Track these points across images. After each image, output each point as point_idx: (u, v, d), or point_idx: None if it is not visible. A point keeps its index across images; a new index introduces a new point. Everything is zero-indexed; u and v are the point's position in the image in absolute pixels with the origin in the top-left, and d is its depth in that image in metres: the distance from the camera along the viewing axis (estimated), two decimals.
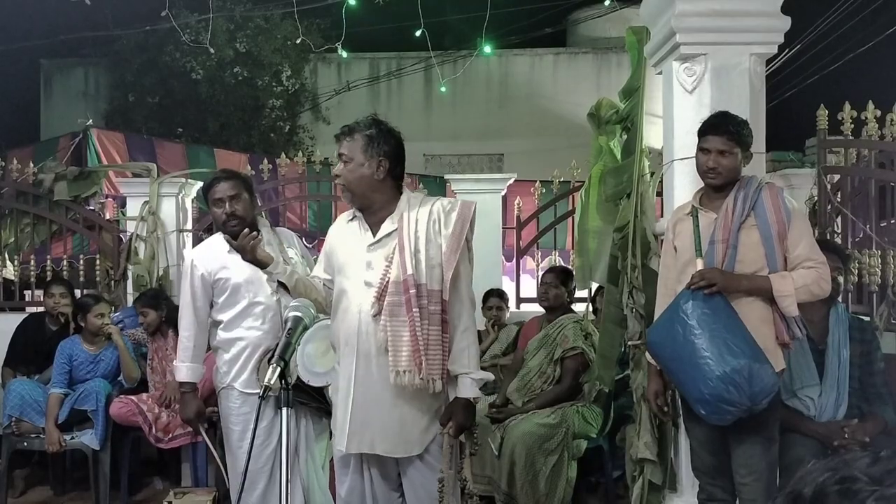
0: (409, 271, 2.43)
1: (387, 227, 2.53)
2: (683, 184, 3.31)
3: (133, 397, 4.35)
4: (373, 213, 2.57)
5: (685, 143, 3.35)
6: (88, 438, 4.23)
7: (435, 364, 2.43)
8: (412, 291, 2.41)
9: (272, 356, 2.06)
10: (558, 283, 4.33)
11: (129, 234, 5.69)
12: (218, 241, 3.17)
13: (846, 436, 2.93)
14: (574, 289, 4.41)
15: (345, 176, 2.53)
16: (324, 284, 2.71)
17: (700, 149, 2.78)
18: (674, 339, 2.63)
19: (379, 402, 2.48)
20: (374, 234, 2.55)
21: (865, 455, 0.65)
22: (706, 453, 2.83)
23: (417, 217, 2.51)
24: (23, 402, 4.30)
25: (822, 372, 3.06)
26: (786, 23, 3.31)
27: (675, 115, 3.40)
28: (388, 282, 2.45)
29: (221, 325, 3.11)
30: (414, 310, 2.40)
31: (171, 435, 4.33)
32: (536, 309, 4.75)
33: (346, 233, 2.65)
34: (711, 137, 2.73)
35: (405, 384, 2.42)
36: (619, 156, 3.85)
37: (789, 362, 2.93)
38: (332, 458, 3.44)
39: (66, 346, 4.39)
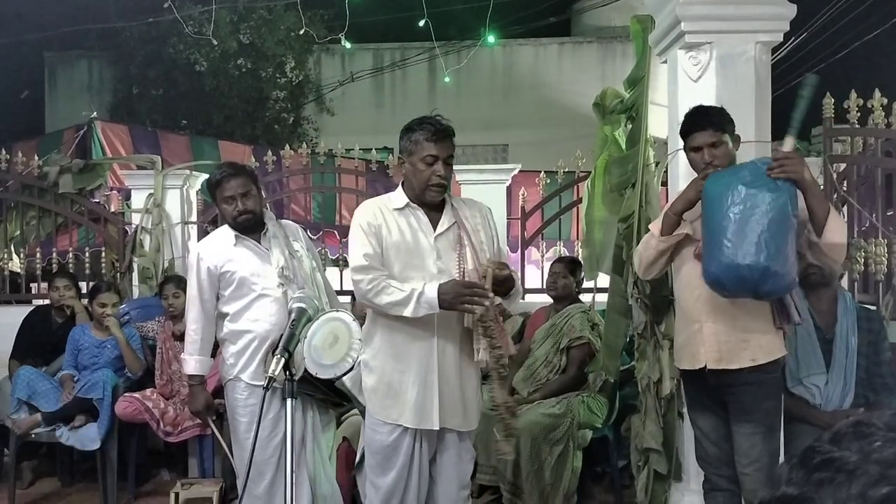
0: (482, 260, 2.67)
1: (446, 220, 2.70)
2: (688, 173, 3.29)
3: (137, 395, 4.36)
4: (430, 206, 2.71)
5: None
6: (91, 437, 4.24)
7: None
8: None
9: (277, 347, 2.07)
10: (567, 273, 4.33)
11: (134, 226, 5.71)
12: (225, 233, 3.17)
13: None
14: (582, 279, 4.40)
15: (449, 178, 2.70)
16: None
17: (690, 149, 2.76)
18: (720, 203, 2.50)
19: (458, 381, 2.69)
20: (434, 226, 2.68)
21: (887, 412, 0.72)
22: (709, 443, 2.84)
23: (470, 214, 2.75)
24: (31, 388, 4.32)
25: (830, 361, 3.06)
26: (791, 10, 3.28)
27: (680, 104, 3.38)
28: (465, 269, 2.64)
29: (228, 317, 3.12)
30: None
31: (180, 428, 4.35)
32: (541, 300, 4.75)
33: (396, 220, 2.69)
34: (698, 134, 2.72)
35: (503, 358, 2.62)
36: (623, 145, 3.83)
37: (796, 350, 2.93)
38: (338, 449, 3.47)
39: (76, 333, 4.53)
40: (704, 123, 2.72)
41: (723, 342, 2.67)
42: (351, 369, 2.63)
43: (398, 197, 2.73)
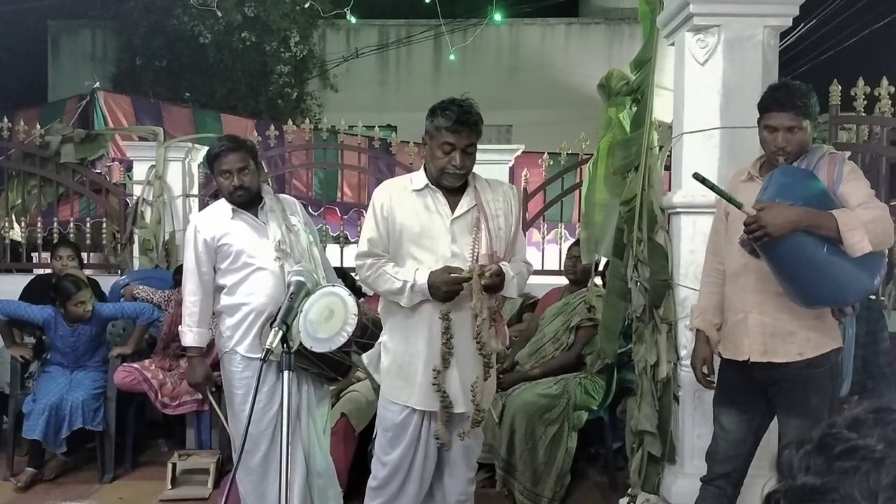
0: (495, 247, 2.68)
1: (465, 203, 2.70)
2: (693, 157, 3.28)
3: (136, 365, 4.38)
4: (451, 188, 2.69)
5: (696, 115, 3.32)
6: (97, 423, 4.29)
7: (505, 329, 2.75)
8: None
9: (274, 320, 2.08)
10: None
11: (135, 197, 5.70)
12: (222, 207, 3.17)
13: None
14: (599, 260, 4.38)
15: (469, 166, 2.66)
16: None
17: (765, 126, 2.56)
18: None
19: (467, 364, 2.69)
20: (452, 209, 2.67)
21: None
22: (724, 441, 2.74)
23: (492, 197, 2.74)
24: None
25: None
26: None
27: (687, 87, 3.36)
28: (478, 254, 2.65)
29: (225, 290, 3.13)
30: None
31: (178, 401, 4.37)
32: (542, 281, 4.75)
33: (413, 202, 2.69)
34: (777, 114, 2.49)
35: (487, 347, 2.66)
36: (628, 128, 3.81)
37: None
38: (335, 425, 3.49)
39: (49, 323, 4.36)
40: (786, 104, 2.47)
41: (768, 334, 2.55)
42: (347, 343, 2.64)
43: (419, 178, 2.74)
